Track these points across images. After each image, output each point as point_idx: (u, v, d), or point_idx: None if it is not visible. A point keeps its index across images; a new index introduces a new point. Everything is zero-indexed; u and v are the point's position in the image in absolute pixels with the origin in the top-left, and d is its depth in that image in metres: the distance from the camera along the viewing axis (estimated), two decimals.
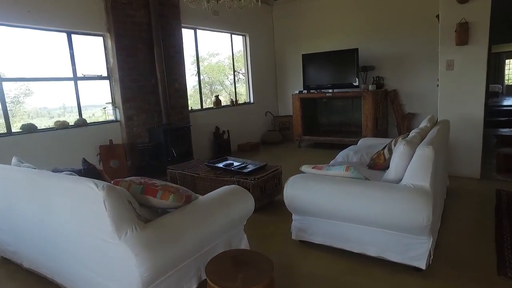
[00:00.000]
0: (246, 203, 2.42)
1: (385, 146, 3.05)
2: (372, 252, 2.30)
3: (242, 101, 7.42)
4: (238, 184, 3.45)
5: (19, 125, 4.20)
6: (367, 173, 2.69)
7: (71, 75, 4.54)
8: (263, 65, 7.68)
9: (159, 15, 5.12)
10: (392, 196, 2.13)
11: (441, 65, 4.16)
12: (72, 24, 4.42)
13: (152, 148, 4.91)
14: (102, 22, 4.67)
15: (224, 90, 7.46)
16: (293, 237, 2.72)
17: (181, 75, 5.63)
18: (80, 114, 4.64)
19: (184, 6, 5.36)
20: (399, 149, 2.34)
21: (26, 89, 4.44)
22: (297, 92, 6.78)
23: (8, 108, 4.05)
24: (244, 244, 2.54)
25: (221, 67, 7.38)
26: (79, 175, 2.57)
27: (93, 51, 4.78)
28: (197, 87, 6.45)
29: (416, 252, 2.13)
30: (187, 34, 6.02)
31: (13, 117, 4.26)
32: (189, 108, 6.14)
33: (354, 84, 6.22)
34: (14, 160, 2.91)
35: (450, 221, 3.00)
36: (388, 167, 2.50)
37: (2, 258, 2.79)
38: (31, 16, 4.07)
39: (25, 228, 2.35)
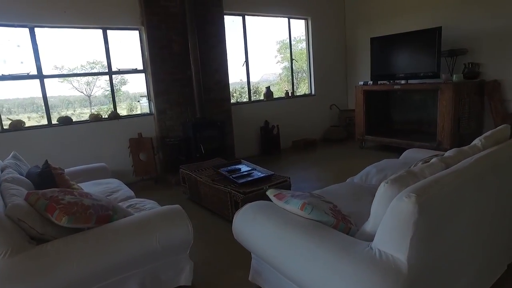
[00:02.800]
0: (174, 232, 1.95)
1: (411, 166, 2.12)
2: None
3: (302, 93, 6.69)
4: (229, 196, 2.99)
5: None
6: (362, 208, 1.88)
7: (106, 70, 4.65)
8: (330, 52, 6.75)
9: (198, 3, 4.84)
10: (343, 266, 1.36)
11: None
12: (107, 20, 4.48)
13: (179, 143, 4.74)
14: (137, 16, 4.63)
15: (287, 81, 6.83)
16: (250, 278, 2.12)
17: (222, 66, 5.28)
18: (114, 107, 4.75)
19: None
20: (380, 190, 1.51)
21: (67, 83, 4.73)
22: (361, 83, 5.72)
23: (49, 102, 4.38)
24: (184, 278, 2.08)
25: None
26: (35, 175, 2.50)
27: (129, 45, 4.80)
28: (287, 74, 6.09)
29: None
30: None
31: (54, 107, 4.61)
32: (236, 101, 5.79)
33: (433, 73, 4.87)
34: (12, 154, 3.03)
35: None
36: None
37: None
38: (67, 16, 4.24)
39: None
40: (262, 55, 6.19)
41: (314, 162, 5.24)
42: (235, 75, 5.79)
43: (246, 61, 5.78)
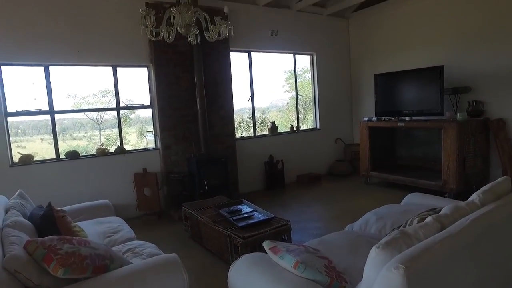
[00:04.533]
0: (170, 284, 1.94)
1: (407, 221, 2.10)
2: None
3: (308, 123, 6.74)
4: (229, 239, 2.97)
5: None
6: (358, 261, 1.85)
7: (114, 105, 4.80)
8: (335, 86, 6.85)
9: (205, 41, 5.01)
10: None
11: None
12: (117, 58, 4.67)
13: (183, 178, 4.78)
14: (146, 54, 4.81)
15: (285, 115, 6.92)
16: None
17: (227, 102, 5.40)
18: (121, 142, 4.85)
19: (234, 30, 5.13)
20: (371, 255, 1.49)
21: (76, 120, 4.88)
22: (366, 119, 5.75)
23: (59, 138, 4.50)
24: None
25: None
26: (38, 218, 2.54)
27: (138, 81, 4.97)
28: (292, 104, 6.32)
29: None
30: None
31: (63, 141, 4.73)
32: (240, 135, 5.86)
33: (437, 111, 4.89)
34: (18, 193, 3.09)
35: None
36: None
37: None
38: (80, 56, 4.44)
39: None
40: (269, 84, 6.33)
41: (317, 198, 5.20)
42: (242, 103, 5.89)
43: (252, 96, 5.90)
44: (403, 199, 3.11)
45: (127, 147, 4.92)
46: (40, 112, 4.42)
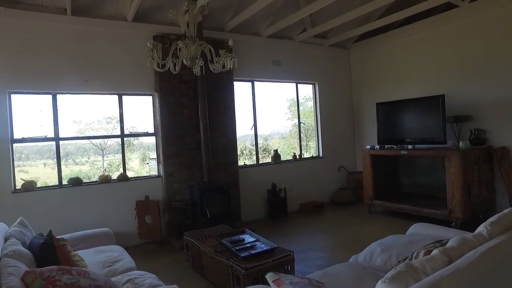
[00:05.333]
0: None
1: (413, 253, 2.06)
2: None
3: (309, 155, 6.75)
4: (231, 270, 2.91)
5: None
6: None
7: (118, 132, 4.86)
8: (337, 115, 6.92)
9: (210, 71, 5.13)
10: None
11: None
12: (123, 87, 4.78)
13: (185, 206, 4.74)
14: (151, 83, 4.93)
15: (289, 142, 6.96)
16: None
17: (231, 130, 5.45)
18: (124, 169, 4.86)
19: (238, 60, 5.26)
20: None
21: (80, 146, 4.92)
22: (368, 147, 5.76)
23: (62, 163, 4.53)
24: None
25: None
26: (37, 247, 2.51)
27: (142, 109, 5.05)
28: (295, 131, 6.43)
29: None
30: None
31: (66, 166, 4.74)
32: (243, 163, 5.86)
33: (440, 139, 4.90)
34: (19, 220, 3.07)
35: None
36: None
37: None
38: (87, 84, 4.55)
39: None
40: (272, 111, 6.40)
41: (321, 228, 5.12)
42: (244, 130, 5.94)
43: (255, 125, 5.96)
44: (408, 229, 3.05)
45: (129, 173, 4.93)
46: (46, 139, 4.48)
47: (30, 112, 4.43)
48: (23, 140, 4.35)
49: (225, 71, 2.95)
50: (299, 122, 6.61)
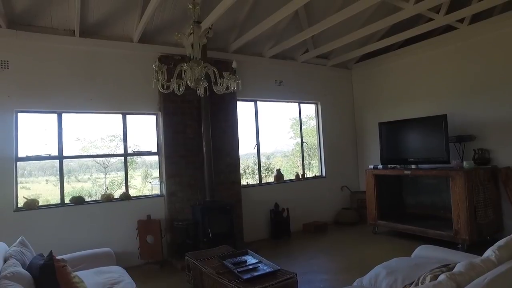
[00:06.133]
0: None
1: (419, 278, 2.01)
2: None
3: (312, 174, 6.73)
4: None
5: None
6: None
7: (121, 149, 4.89)
8: (339, 134, 6.93)
9: (213, 91, 5.20)
10: None
11: None
12: (128, 106, 4.85)
13: (187, 226, 4.70)
14: (155, 103, 4.99)
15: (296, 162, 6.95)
16: None
17: (234, 150, 5.47)
18: (126, 188, 4.85)
19: (241, 80, 5.33)
20: None
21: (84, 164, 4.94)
22: (372, 167, 5.74)
23: (64, 180, 4.53)
24: None
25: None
26: (37, 268, 2.48)
27: (146, 128, 5.09)
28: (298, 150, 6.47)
29: None
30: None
31: (68, 183, 4.74)
32: (246, 183, 5.83)
33: (443, 159, 4.88)
34: (19, 240, 3.05)
35: None
36: None
37: None
38: (92, 104, 4.62)
39: None
40: (275, 130, 6.43)
41: (324, 249, 5.04)
42: (247, 148, 5.94)
43: (258, 145, 5.97)
44: (414, 252, 3.00)
45: (131, 191, 4.92)
46: (50, 157, 4.51)
47: (35, 130, 4.48)
48: (27, 159, 4.38)
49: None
50: (302, 142, 6.62)
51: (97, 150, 4.91)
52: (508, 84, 4.80)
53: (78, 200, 4.49)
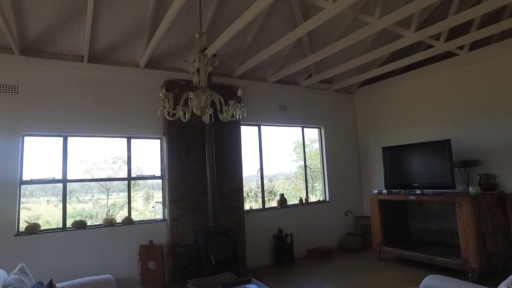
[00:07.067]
0: None
1: None
2: None
3: (315, 199, 6.66)
4: None
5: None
6: None
7: (124, 171, 4.89)
8: (343, 158, 6.92)
9: (217, 116, 5.25)
10: None
11: None
12: (132, 130, 4.89)
13: (190, 252, 4.62)
14: (160, 127, 5.03)
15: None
16: None
17: (237, 174, 5.45)
18: (129, 212, 4.82)
19: (245, 105, 5.38)
20: None
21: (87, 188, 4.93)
22: (376, 192, 5.69)
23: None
24: None
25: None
26: None
27: (150, 151, 5.10)
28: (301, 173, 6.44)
29: None
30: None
31: (69, 203, 4.71)
32: (249, 208, 5.78)
33: (448, 184, 4.84)
34: (19, 267, 3.00)
35: None
36: None
37: None
38: (98, 128, 4.67)
39: None
40: (278, 152, 6.41)
41: (329, 276, 4.91)
42: (250, 170, 5.91)
43: (261, 169, 5.96)
44: (422, 282, 2.90)
45: (133, 214, 4.87)
46: (54, 181, 4.51)
47: (40, 153, 4.50)
48: (31, 182, 4.38)
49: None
50: (305, 166, 6.60)
51: (100, 172, 4.91)
52: (510, 109, 4.82)
53: (80, 225, 4.45)
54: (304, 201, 6.32)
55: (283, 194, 6.14)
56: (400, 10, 3.85)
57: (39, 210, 4.65)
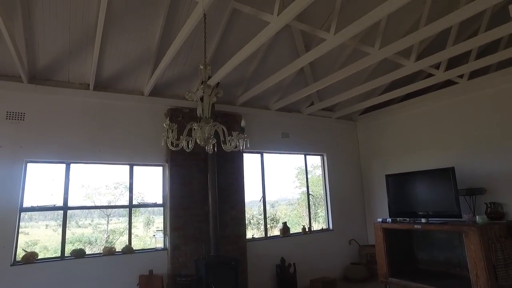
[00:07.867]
0: None
1: None
2: None
3: (318, 227, 6.55)
4: None
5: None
6: None
7: (125, 196, 4.85)
8: (346, 186, 6.86)
9: (220, 144, 5.27)
10: None
11: None
12: (135, 158, 4.89)
13: (190, 283, 4.49)
14: (162, 154, 5.04)
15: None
16: None
17: (239, 202, 5.40)
18: (129, 241, 4.73)
19: (248, 132, 5.42)
20: None
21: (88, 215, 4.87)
22: (380, 220, 5.59)
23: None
24: None
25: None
26: None
27: (152, 178, 5.08)
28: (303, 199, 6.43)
29: None
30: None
31: (68, 228, 4.62)
32: (252, 236, 5.67)
33: (454, 213, 4.75)
34: None
35: None
36: None
37: None
38: (101, 154, 4.68)
39: None
40: (280, 179, 6.37)
41: None
42: (251, 195, 5.85)
43: (264, 197, 5.90)
44: None
45: (133, 240, 4.78)
46: (54, 208, 4.47)
47: (42, 179, 4.49)
48: (31, 209, 4.34)
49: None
50: (308, 193, 6.53)
51: (101, 197, 4.87)
52: None
53: (79, 253, 4.37)
54: (307, 230, 6.20)
55: (285, 222, 6.04)
56: (399, 41, 3.93)
57: (38, 234, 4.58)
